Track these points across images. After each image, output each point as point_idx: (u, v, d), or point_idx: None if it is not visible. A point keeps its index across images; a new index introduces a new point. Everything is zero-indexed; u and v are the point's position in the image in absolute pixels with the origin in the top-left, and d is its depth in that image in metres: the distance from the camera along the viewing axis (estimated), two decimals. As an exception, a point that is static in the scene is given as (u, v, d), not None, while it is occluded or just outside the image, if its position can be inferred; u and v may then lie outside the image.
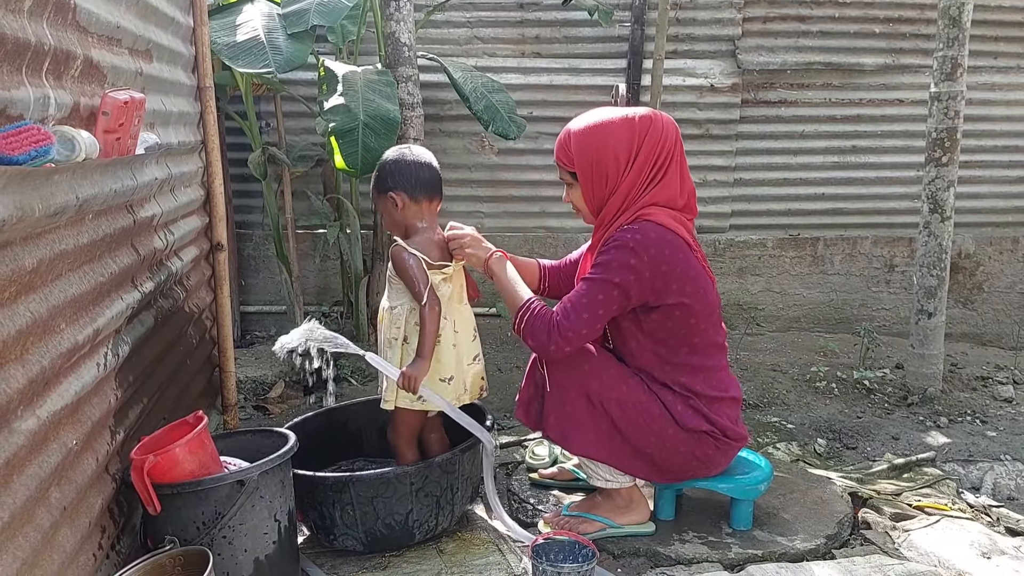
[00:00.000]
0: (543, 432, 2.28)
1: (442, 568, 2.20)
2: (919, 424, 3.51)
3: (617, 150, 2.14)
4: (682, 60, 4.65)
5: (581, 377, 2.19)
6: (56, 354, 1.69)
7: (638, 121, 2.15)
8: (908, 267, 4.85)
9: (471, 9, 4.62)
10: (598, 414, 2.19)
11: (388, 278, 2.39)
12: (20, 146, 1.45)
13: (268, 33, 3.73)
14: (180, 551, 1.85)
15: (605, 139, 2.15)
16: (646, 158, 2.14)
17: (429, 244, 2.35)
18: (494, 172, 4.76)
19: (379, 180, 2.37)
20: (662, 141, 2.15)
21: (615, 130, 2.15)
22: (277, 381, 3.95)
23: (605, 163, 2.15)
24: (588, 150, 2.17)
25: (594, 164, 2.17)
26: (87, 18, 1.94)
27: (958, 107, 3.59)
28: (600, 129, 2.16)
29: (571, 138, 2.20)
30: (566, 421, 2.21)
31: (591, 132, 2.17)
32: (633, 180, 2.15)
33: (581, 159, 2.18)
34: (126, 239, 2.23)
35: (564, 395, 2.20)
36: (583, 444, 2.22)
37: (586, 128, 2.19)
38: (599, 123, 2.17)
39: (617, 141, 2.14)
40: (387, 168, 2.36)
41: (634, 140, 2.14)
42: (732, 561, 2.23)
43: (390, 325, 2.36)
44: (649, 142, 2.14)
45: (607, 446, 2.22)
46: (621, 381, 2.20)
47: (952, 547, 2.29)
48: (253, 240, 4.80)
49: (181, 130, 2.81)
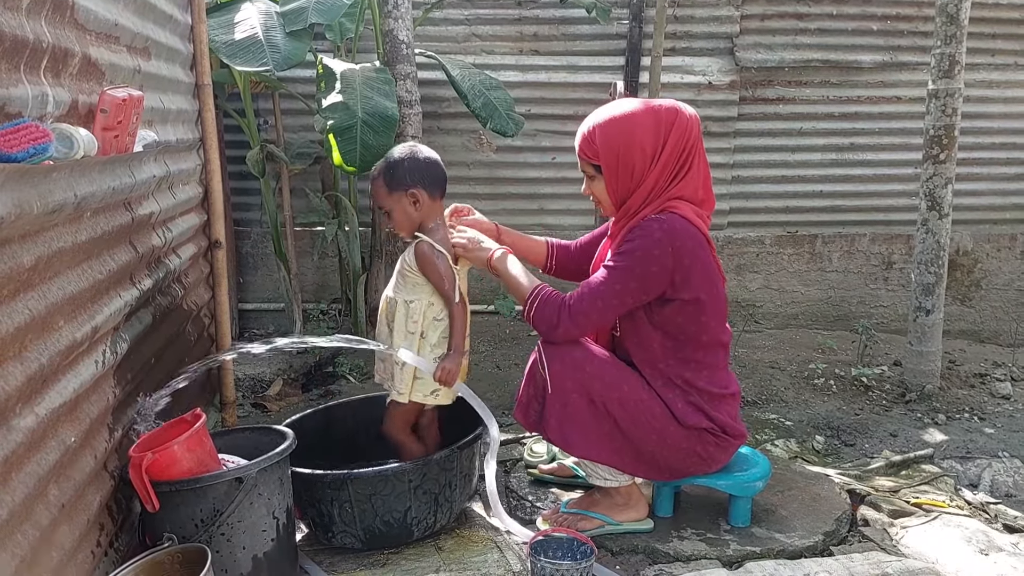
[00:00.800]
0: (543, 435, 2.27)
1: (441, 565, 2.20)
2: (917, 421, 3.52)
3: (644, 143, 2.12)
4: (680, 57, 4.65)
5: (583, 379, 2.18)
6: (54, 351, 1.69)
7: (664, 113, 2.14)
8: (906, 264, 4.86)
9: (469, 6, 4.61)
10: (600, 415, 2.19)
11: (401, 272, 2.39)
12: (18, 144, 1.45)
13: (266, 31, 3.72)
14: (178, 548, 1.85)
15: (632, 132, 2.13)
16: (672, 151, 2.13)
17: (447, 242, 2.37)
18: (492, 170, 4.76)
19: (396, 178, 2.34)
20: (687, 134, 2.14)
21: (642, 122, 2.13)
22: (275, 379, 3.95)
23: (632, 156, 2.13)
24: (614, 143, 2.14)
25: (621, 156, 2.14)
26: (85, 16, 1.94)
27: (956, 104, 3.59)
28: (626, 121, 2.14)
29: (596, 130, 2.17)
30: (567, 423, 2.20)
31: (617, 124, 2.15)
32: (660, 173, 2.14)
33: (607, 151, 2.16)
34: (124, 237, 2.23)
35: (566, 397, 2.19)
36: (584, 446, 2.22)
37: (612, 120, 2.16)
38: (625, 115, 2.15)
39: (644, 133, 2.12)
40: (405, 166, 2.35)
41: (660, 133, 2.12)
42: (730, 558, 2.23)
43: (406, 319, 2.36)
44: (675, 135, 2.13)
45: (608, 447, 2.22)
46: (622, 381, 2.19)
47: (950, 544, 2.30)
48: (251, 238, 4.79)
49: (179, 128, 2.81)
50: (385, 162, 2.39)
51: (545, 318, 2.18)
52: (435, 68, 4.27)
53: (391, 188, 2.35)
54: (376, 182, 2.38)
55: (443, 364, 2.32)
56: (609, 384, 2.18)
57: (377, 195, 2.40)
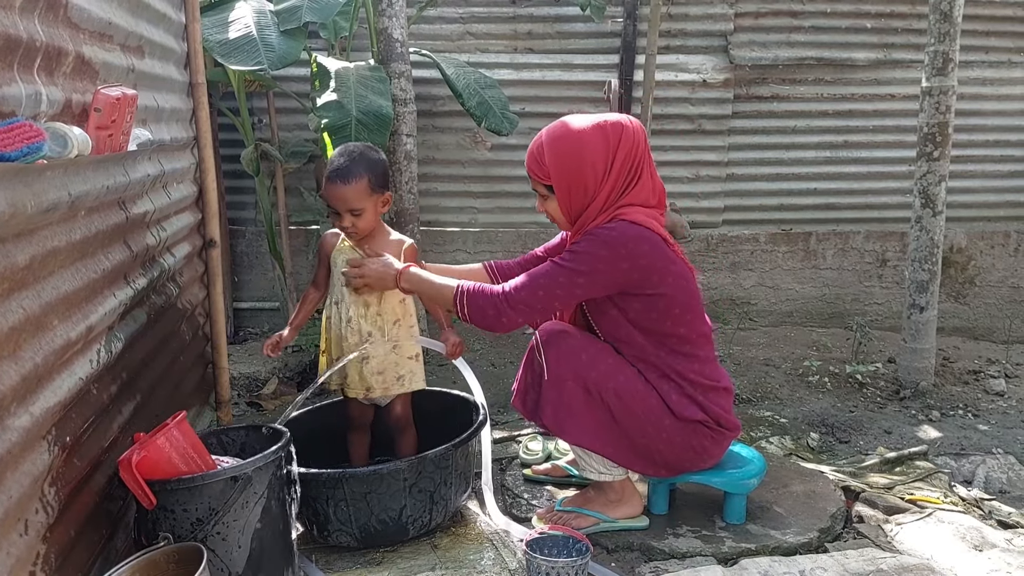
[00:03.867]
0: (539, 421, 2.28)
1: (436, 563, 2.20)
2: (911, 418, 3.53)
3: (595, 159, 2.14)
4: (674, 55, 4.66)
5: (579, 367, 2.19)
6: (49, 351, 1.68)
7: (610, 128, 2.15)
8: (900, 262, 4.87)
9: (464, 5, 4.62)
10: (595, 403, 2.20)
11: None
12: (12, 143, 1.44)
13: (260, 30, 3.71)
14: (174, 547, 1.84)
15: (581, 150, 2.14)
16: (622, 164, 2.14)
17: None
18: (487, 168, 4.76)
19: (381, 177, 2.36)
20: (635, 146, 2.16)
21: (590, 140, 2.14)
22: (271, 377, 3.94)
23: (583, 173, 2.14)
24: (565, 163, 2.15)
25: (572, 175, 2.15)
26: (79, 14, 1.94)
27: (949, 102, 3.60)
28: (575, 140, 2.15)
29: (544, 152, 2.18)
30: (563, 410, 2.22)
31: (566, 144, 2.16)
32: (612, 186, 2.15)
33: (558, 171, 2.16)
34: (119, 235, 2.22)
35: (562, 385, 2.21)
36: (579, 434, 2.23)
37: (560, 140, 2.17)
38: (573, 134, 2.15)
39: (594, 150, 2.13)
40: (384, 165, 2.36)
41: (609, 148, 2.14)
42: (725, 555, 2.24)
43: (403, 312, 2.48)
44: (624, 148, 2.14)
45: (603, 436, 2.22)
46: (619, 371, 2.21)
47: (944, 540, 2.30)
48: (246, 236, 4.79)
49: (174, 126, 2.80)
50: (363, 160, 2.35)
51: (482, 309, 2.17)
52: (430, 66, 4.27)
53: (375, 187, 2.35)
54: (359, 181, 2.32)
55: (450, 340, 2.48)
56: (605, 373, 2.19)
57: (356, 195, 2.32)
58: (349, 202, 2.32)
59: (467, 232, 4.81)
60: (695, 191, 4.83)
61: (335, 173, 2.33)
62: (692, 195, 4.83)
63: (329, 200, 2.35)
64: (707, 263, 4.89)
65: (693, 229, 4.77)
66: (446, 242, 4.80)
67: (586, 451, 2.30)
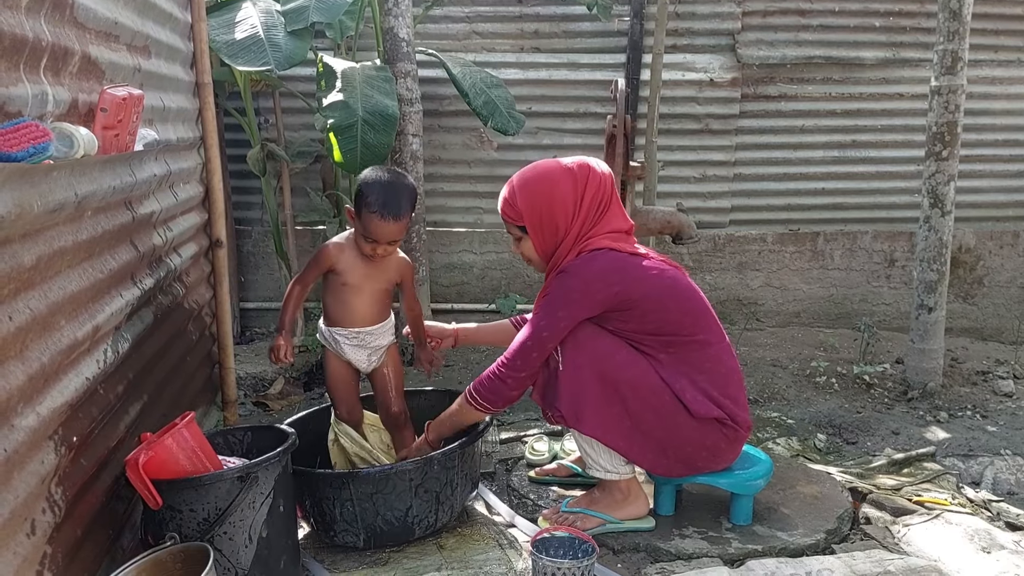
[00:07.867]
0: (555, 412, 2.27)
1: (442, 563, 2.20)
2: (919, 419, 3.51)
3: (565, 200, 2.24)
4: (681, 55, 4.65)
5: (594, 358, 2.21)
6: (56, 351, 1.69)
7: (578, 170, 2.26)
8: (908, 262, 4.85)
9: (470, 4, 4.61)
10: (610, 395, 2.21)
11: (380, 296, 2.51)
12: (18, 143, 1.45)
13: (267, 30, 3.72)
14: (180, 547, 1.84)
15: (552, 193, 2.25)
16: (591, 202, 2.26)
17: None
18: (493, 168, 4.76)
19: (414, 203, 2.41)
20: (601, 185, 2.27)
21: (559, 182, 2.25)
22: (277, 377, 3.95)
23: (554, 215, 2.25)
24: (537, 205, 2.26)
25: (544, 215, 2.26)
26: (85, 14, 1.94)
27: (958, 101, 3.58)
28: (545, 183, 2.26)
29: (517, 194, 2.29)
30: (579, 400, 2.22)
31: (537, 187, 2.27)
32: (582, 223, 2.26)
33: (530, 212, 2.27)
34: (125, 236, 2.23)
35: (578, 374, 2.22)
36: (594, 425, 2.23)
37: (531, 183, 2.28)
38: (542, 178, 2.27)
39: (564, 193, 2.24)
40: (416, 191, 2.47)
41: (578, 186, 2.25)
42: (732, 556, 2.23)
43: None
44: (591, 188, 2.25)
45: (617, 430, 2.23)
46: (633, 364, 2.21)
47: (952, 542, 2.29)
48: (252, 236, 4.79)
49: (180, 126, 2.81)
50: (407, 192, 2.35)
51: (491, 389, 2.28)
52: (436, 66, 4.27)
53: (411, 215, 2.38)
54: (407, 217, 2.35)
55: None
56: (620, 364, 2.20)
57: (403, 230, 2.36)
58: (396, 236, 2.35)
59: (473, 232, 4.80)
60: (702, 191, 4.81)
61: (388, 211, 2.29)
62: (699, 195, 4.81)
63: (376, 235, 2.31)
64: (714, 263, 4.87)
65: (700, 229, 4.73)
66: (452, 242, 4.79)
67: (594, 447, 2.29)
